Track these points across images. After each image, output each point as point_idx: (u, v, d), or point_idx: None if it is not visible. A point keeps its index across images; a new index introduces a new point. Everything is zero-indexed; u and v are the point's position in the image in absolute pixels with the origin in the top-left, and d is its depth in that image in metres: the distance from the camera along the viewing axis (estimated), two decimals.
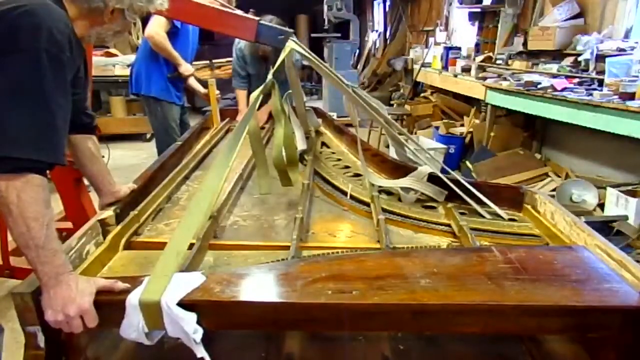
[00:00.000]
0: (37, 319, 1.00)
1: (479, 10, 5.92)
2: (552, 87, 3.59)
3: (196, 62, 3.78)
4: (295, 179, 1.87)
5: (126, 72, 4.98)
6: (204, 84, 3.24)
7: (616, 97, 3.06)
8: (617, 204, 3.10)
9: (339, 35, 7.79)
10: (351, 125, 2.32)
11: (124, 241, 1.44)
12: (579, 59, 3.83)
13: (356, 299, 1.00)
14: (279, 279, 1.09)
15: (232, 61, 3.59)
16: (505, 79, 4.30)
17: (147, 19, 3.05)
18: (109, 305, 1.00)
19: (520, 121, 4.62)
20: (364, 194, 1.87)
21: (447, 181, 1.79)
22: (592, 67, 3.65)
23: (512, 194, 1.78)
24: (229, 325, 1.08)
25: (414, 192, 1.84)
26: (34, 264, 0.98)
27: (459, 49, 6.06)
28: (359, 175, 2.11)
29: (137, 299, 0.97)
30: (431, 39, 7.18)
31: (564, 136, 4.21)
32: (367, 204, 1.79)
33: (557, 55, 4.23)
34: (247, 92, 3.41)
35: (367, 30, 11.41)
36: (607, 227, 2.95)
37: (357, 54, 10.48)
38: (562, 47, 4.13)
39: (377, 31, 10.90)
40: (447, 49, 5.99)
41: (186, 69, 3.25)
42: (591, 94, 3.24)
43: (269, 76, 1.74)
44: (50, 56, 1.00)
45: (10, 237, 2.34)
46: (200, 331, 0.96)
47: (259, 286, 1.08)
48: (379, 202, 1.74)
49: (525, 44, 4.61)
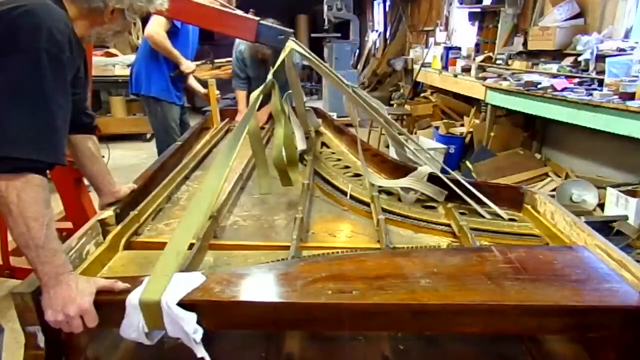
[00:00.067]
0: (37, 319, 1.00)
1: (479, 10, 5.92)
2: (552, 87, 3.58)
3: (195, 62, 3.77)
4: (295, 179, 1.87)
5: (126, 72, 4.98)
6: (204, 84, 3.25)
7: (616, 97, 3.05)
8: (617, 204, 3.10)
9: (339, 35, 7.81)
10: (351, 125, 2.32)
11: (124, 241, 1.44)
12: (579, 59, 3.83)
13: (356, 299, 1.00)
14: (279, 279, 1.09)
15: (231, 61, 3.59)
16: (505, 79, 4.30)
17: (147, 18, 3.05)
18: (109, 305, 1.00)
19: (520, 121, 4.62)
20: (364, 194, 1.87)
21: (447, 181, 1.79)
22: (592, 67, 3.65)
23: (512, 194, 1.78)
24: (229, 325, 1.08)
25: (414, 192, 1.84)
26: (34, 264, 0.98)
27: (459, 49, 6.06)
28: (359, 175, 2.11)
29: (137, 299, 0.97)
30: (431, 39, 7.18)
31: (564, 136, 4.21)
32: (367, 204, 1.79)
33: (557, 55, 4.22)
34: (246, 92, 3.40)
35: (367, 30, 11.40)
36: (607, 227, 2.95)
37: (357, 54, 10.49)
38: (562, 47, 4.13)
39: (377, 31, 10.90)
40: (447, 49, 5.99)
41: (187, 66, 3.25)
42: (591, 94, 3.24)
43: (269, 76, 1.75)
44: (50, 56, 1.00)
45: (10, 237, 2.34)
46: (200, 331, 0.96)
47: (259, 286, 1.08)
48: (379, 202, 1.74)
49: (525, 44, 4.61)
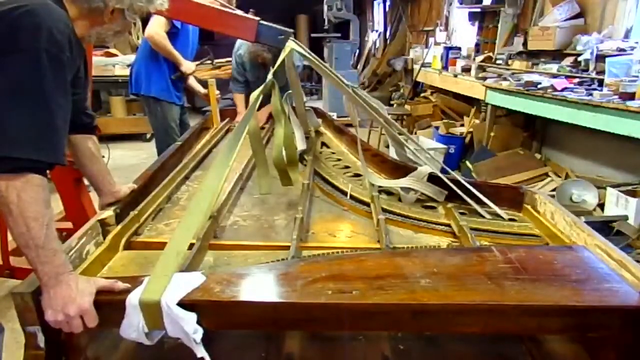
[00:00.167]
0: (37, 319, 1.00)
1: (479, 10, 5.92)
2: (552, 87, 3.58)
3: (195, 61, 3.77)
4: (295, 179, 1.87)
5: (126, 72, 4.98)
6: (204, 84, 3.24)
7: (616, 97, 3.05)
8: (617, 204, 3.10)
9: (339, 35, 7.81)
10: (351, 125, 2.32)
11: (124, 241, 1.44)
12: (579, 59, 3.83)
13: (356, 299, 1.00)
14: (279, 279, 1.09)
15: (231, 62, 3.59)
16: (505, 79, 4.30)
17: (147, 19, 3.04)
18: (109, 305, 1.00)
19: (520, 121, 4.62)
20: (364, 194, 1.87)
21: (447, 181, 1.79)
22: (592, 67, 3.65)
23: (512, 194, 1.78)
24: (229, 325, 1.08)
25: (414, 192, 1.84)
26: (34, 264, 0.98)
27: (459, 49, 6.06)
28: (359, 175, 2.11)
29: (137, 299, 0.97)
30: (431, 39, 7.18)
31: (564, 136, 4.21)
32: (367, 204, 1.79)
33: (557, 55, 4.22)
34: (244, 96, 3.39)
35: (367, 30, 11.40)
36: (607, 227, 2.95)
37: (357, 54, 10.49)
38: (562, 47, 4.13)
39: (377, 31, 10.90)
40: (447, 49, 5.99)
41: (187, 67, 3.25)
42: (591, 94, 3.24)
43: (269, 76, 1.74)
44: (50, 56, 1.00)
45: (10, 237, 2.34)
46: (200, 331, 0.96)
47: (259, 286, 1.08)
48: (379, 202, 1.74)
49: (525, 44, 4.60)
